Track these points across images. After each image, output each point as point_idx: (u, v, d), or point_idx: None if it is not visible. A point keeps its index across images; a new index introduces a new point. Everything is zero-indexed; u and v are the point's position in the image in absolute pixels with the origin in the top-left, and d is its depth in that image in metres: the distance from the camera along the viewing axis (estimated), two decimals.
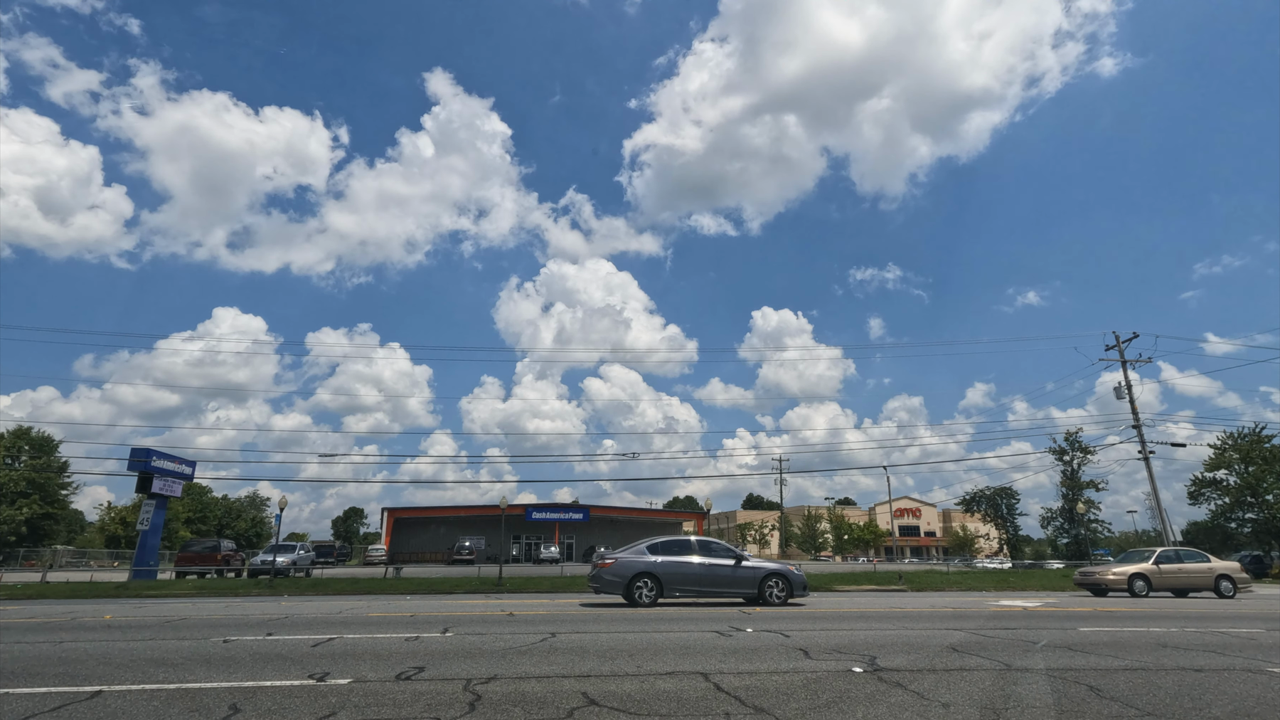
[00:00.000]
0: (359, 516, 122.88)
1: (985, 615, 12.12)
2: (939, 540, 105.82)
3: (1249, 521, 45.70)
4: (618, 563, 14.32)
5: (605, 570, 14.29)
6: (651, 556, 14.44)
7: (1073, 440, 61.93)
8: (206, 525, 79.57)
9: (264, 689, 5.20)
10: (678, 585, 14.27)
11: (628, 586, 14.00)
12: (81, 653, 7.22)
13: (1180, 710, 4.66)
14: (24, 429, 59.25)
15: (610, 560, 14.49)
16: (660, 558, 14.42)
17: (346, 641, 8.06)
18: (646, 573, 14.11)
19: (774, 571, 14.67)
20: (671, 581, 14.22)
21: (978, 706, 4.70)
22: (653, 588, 14.03)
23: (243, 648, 7.53)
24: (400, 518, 62.49)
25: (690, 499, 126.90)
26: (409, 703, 4.77)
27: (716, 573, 14.48)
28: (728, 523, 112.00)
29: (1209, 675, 5.98)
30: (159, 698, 4.93)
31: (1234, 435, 46.79)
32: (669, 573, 14.25)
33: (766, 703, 4.79)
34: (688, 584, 14.34)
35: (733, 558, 14.75)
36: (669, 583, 14.20)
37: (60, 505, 60.02)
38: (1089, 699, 4.96)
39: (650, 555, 14.48)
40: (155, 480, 30.10)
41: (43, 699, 4.90)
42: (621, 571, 14.15)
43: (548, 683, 5.49)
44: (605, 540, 60.77)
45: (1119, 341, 36.13)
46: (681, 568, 14.35)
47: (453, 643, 7.95)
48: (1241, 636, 8.93)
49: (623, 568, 14.20)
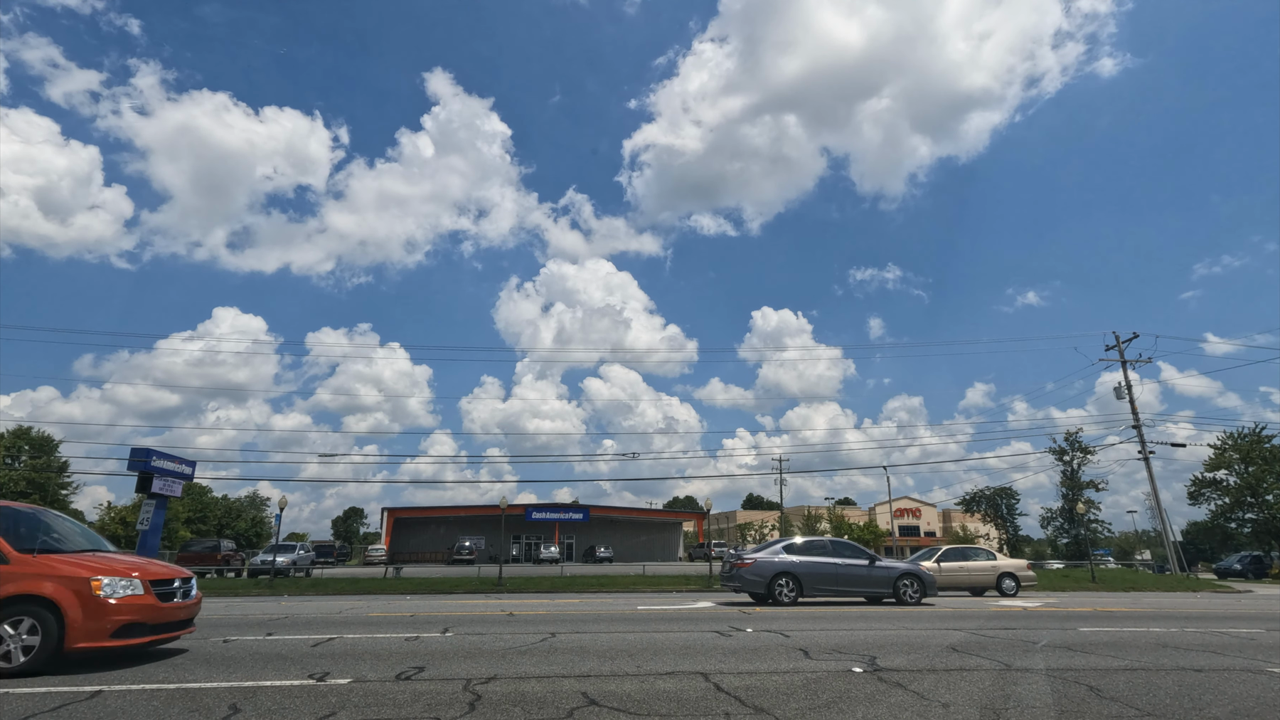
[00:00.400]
0: (359, 516, 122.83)
1: (985, 615, 12.13)
2: (939, 541, 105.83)
3: (1249, 522, 45.66)
4: (757, 563, 14.62)
5: (746, 570, 14.61)
6: (789, 556, 14.82)
7: (1073, 440, 61.86)
8: (206, 525, 79.53)
9: (264, 689, 5.20)
10: (816, 585, 14.65)
11: (769, 585, 14.34)
12: (81, 652, 7.21)
13: (1180, 710, 4.67)
14: (24, 429, 59.25)
15: (749, 560, 14.78)
16: (798, 558, 14.82)
17: (346, 641, 8.06)
18: (786, 572, 14.47)
19: (907, 571, 15.04)
20: (810, 581, 14.60)
21: (978, 707, 4.70)
22: (793, 587, 14.40)
23: (242, 647, 7.53)
24: (400, 518, 62.48)
25: (690, 499, 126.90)
26: (409, 703, 4.78)
27: (853, 573, 14.87)
28: (728, 523, 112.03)
29: (1209, 675, 5.98)
30: (159, 697, 4.94)
31: (1234, 435, 46.75)
32: (808, 572, 14.62)
33: (766, 703, 4.79)
34: (825, 583, 14.72)
35: (866, 558, 15.18)
36: (808, 582, 14.57)
37: (60, 505, 59.88)
38: (1089, 699, 4.97)
39: (788, 555, 14.86)
40: (155, 480, 30.06)
41: (43, 699, 4.91)
42: (762, 571, 14.48)
43: (548, 683, 5.49)
44: (605, 540, 60.77)
45: (1119, 342, 36.15)
46: (819, 568, 14.74)
47: (453, 643, 7.95)
48: (1241, 637, 8.94)
49: (763, 568, 14.52)
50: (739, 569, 14.75)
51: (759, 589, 14.46)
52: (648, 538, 69.70)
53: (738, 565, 14.90)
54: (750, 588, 14.59)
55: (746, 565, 14.66)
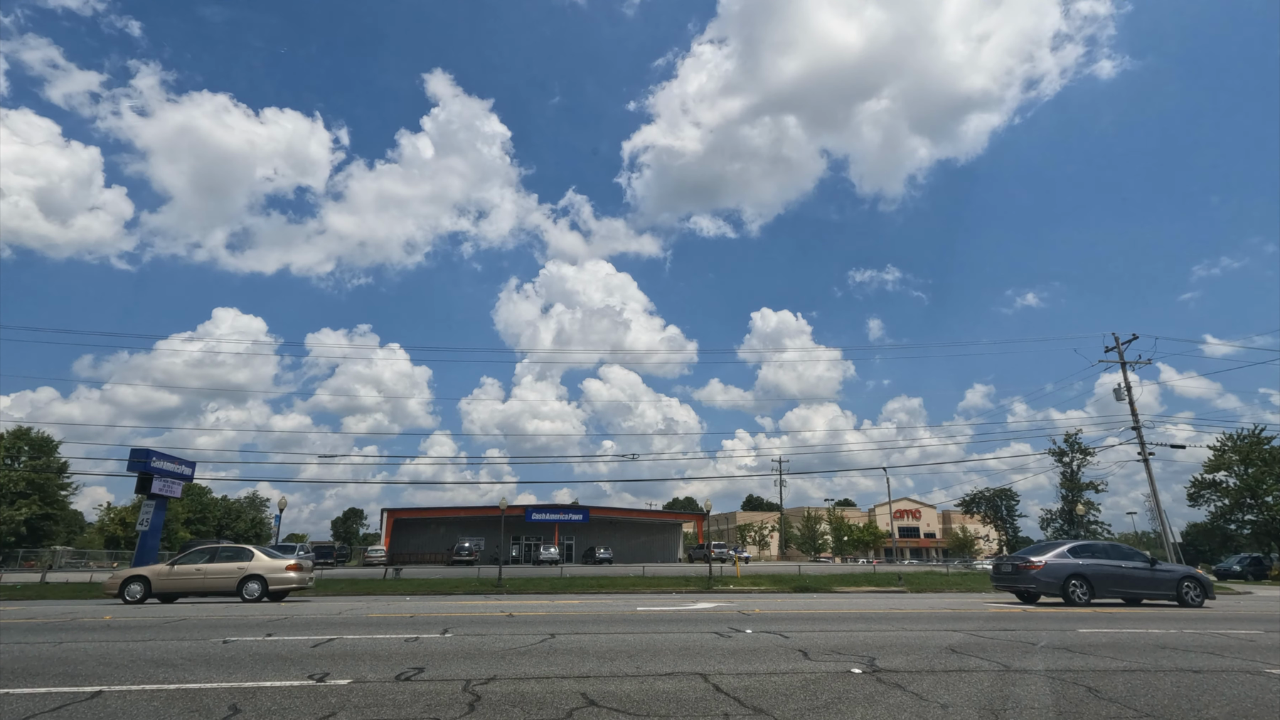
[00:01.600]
0: (359, 517, 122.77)
1: (984, 616, 12.12)
2: (939, 542, 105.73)
3: (1248, 523, 45.66)
4: (1049, 565, 15.18)
5: (1038, 572, 15.15)
6: (1075, 559, 15.33)
7: (1072, 442, 61.93)
8: (206, 526, 79.49)
9: (264, 689, 5.21)
10: (1106, 586, 15.16)
11: (1062, 586, 14.89)
12: (81, 653, 7.23)
13: (1178, 712, 4.67)
14: (24, 429, 59.18)
15: (1040, 562, 15.27)
16: (1085, 560, 15.33)
17: (346, 642, 8.07)
18: (1079, 574, 15.00)
19: (1188, 575, 15.44)
20: (1100, 583, 15.10)
21: (976, 708, 4.71)
22: (1085, 589, 14.87)
23: (242, 648, 7.54)
24: (400, 518, 62.46)
25: (690, 500, 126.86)
26: (409, 703, 4.78)
27: (1137, 575, 15.32)
28: (727, 524, 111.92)
29: (1207, 677, 5.99)
30: (159, 698, 4.94)
31: (1233, 437, 46.75)
32: (1097, 574, 15.13)
33: (765, 703, 4.79)
34: (1114, 585, 15.23)
35: (1144, 560, 15.58)
36: (1098, 584, 15.07)
37: (60, 506, 59.95)
38: (1087, 700, 4.97)
39: (1074, 558, 15.35)
40: (155, 481, 30.08)
41: (43, 699, 4.91)
42: (1056, 573, 15.04)
43: (547, 683, 5.50)
44: (605, 541, 60.73)
45: (1119, 343, 36.15)
46: (1107, 570, 15.27)
47: (452, 643, 7.95)
48: (1240, 638, 8.94)
49: (1056, 570, 15.09)
50: (1027, 570, 15.28)
51: (1052, 590, 14.98)
52: (647, 539, 69.67)
53: (1025, 567, 15.42)
54: (1044, 589, 15.12)
55: (1038, 567, 15.18)
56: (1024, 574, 15.34)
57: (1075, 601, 14.67)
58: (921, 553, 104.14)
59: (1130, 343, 35.90)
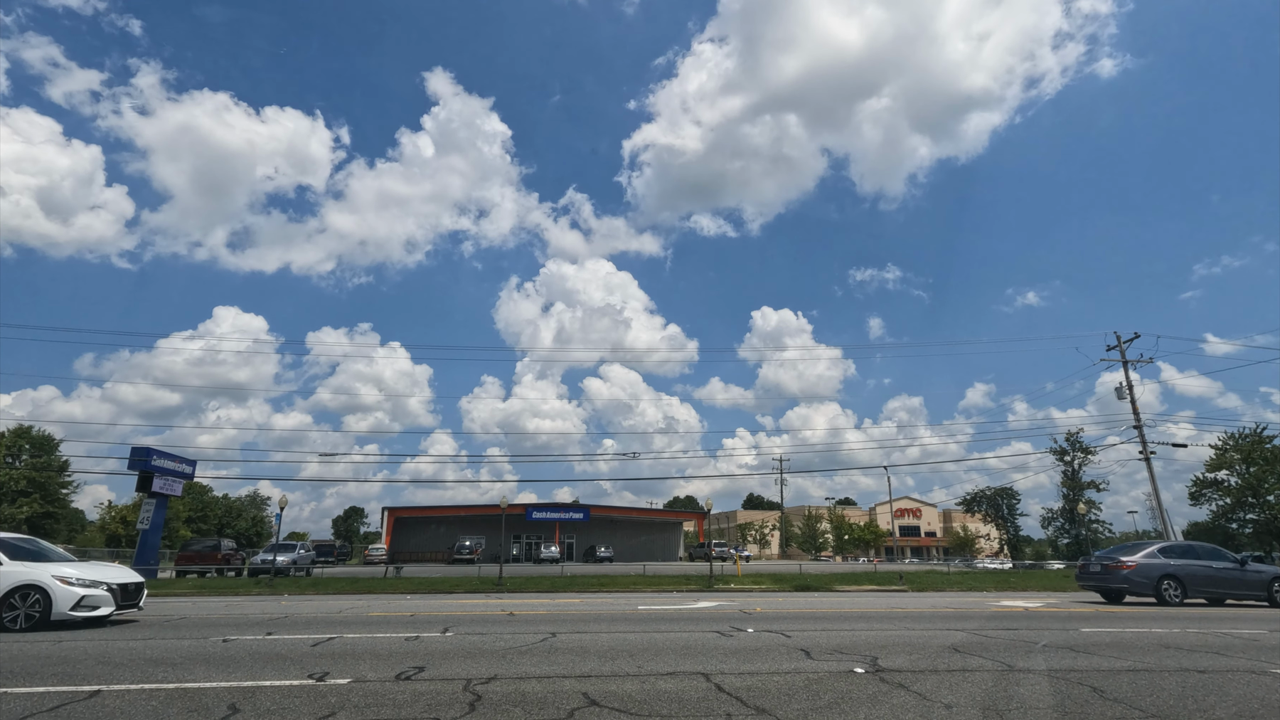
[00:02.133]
0: (359, 516, 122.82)
1: (986, 615, 12.09)
2: (939, 540, 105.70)
3: (1250, 522, 45.62)
4: (1141, 565, 15.40)
5: (1130, 572, 15.39)
6: (1167, 559, 15.55)
7: (1073, 440, 61.87)
8: (207, 524, 79.53)
9: (263, 689, 5.18)
10: (1197, 586, 15.38)
11: (1155, 586, 15.12)
12: (80, 652, 7.21)
13: (1184, 712, 4.64)
14: (25, 428, 59.24)
15: (1132, 563, 15.50)
16: (1177, 561, 15.54)
17: (346, 641, 8.04)
18: (1171, 574, 15.23)
19: (1278, 575, 15.55)
20: (1192, 583, 15.33)
21: (981, 708, 4.68)
22: (1178, 588, 15.12)
23: (242, 647, 7.51)
24: (400, 517, 62.47)
25: (690, 499, 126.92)
26: (409, 703, 4.75)
27: (1228, 575, 15.52)
28: (728, 522, 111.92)
29: (1212, 677, 5.95)
30: (157, 697, 4.91)
31: (1235, 436, 46.70)
32: (1189, 574, 15.35)
33: (768, 704, 4.76)
34: (1205, 585, 15.46)
35: (1233, 561, 15.78)
36: (1190, 584, 15.29)
37: (61, 504, 59.98)
38: (1092, 700, 4.94)
39: (1165, 558, 15.57)
40: (155, 479, 30.10)
41: (40, 698, 4.88)
42: (1149, 573, 15.27)
43: (548, 683, 5.47)
44: (606, 540, 60.72)
45: (1120, 342, 36.09)
46: (1198, 570, 15.50)
47: (453, 642, 7.93)
48: (1244, 638, 8.90)
49: (1149, 569, 15.32)
50: (1118, 570, 15.46)
51: (1144, 590, 15.14)
52: (648, 537, 69.66)
53: (1116, 567, 15.60)
54: (1136, 589, 15.28)
55: (1130, 567, 15.34)
56: (1114, 574, 15.55)
57: (1168, 601, 14.89)
58: (922, 552, 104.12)
59: (1132, 341, 35.85)
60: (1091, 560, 17.05)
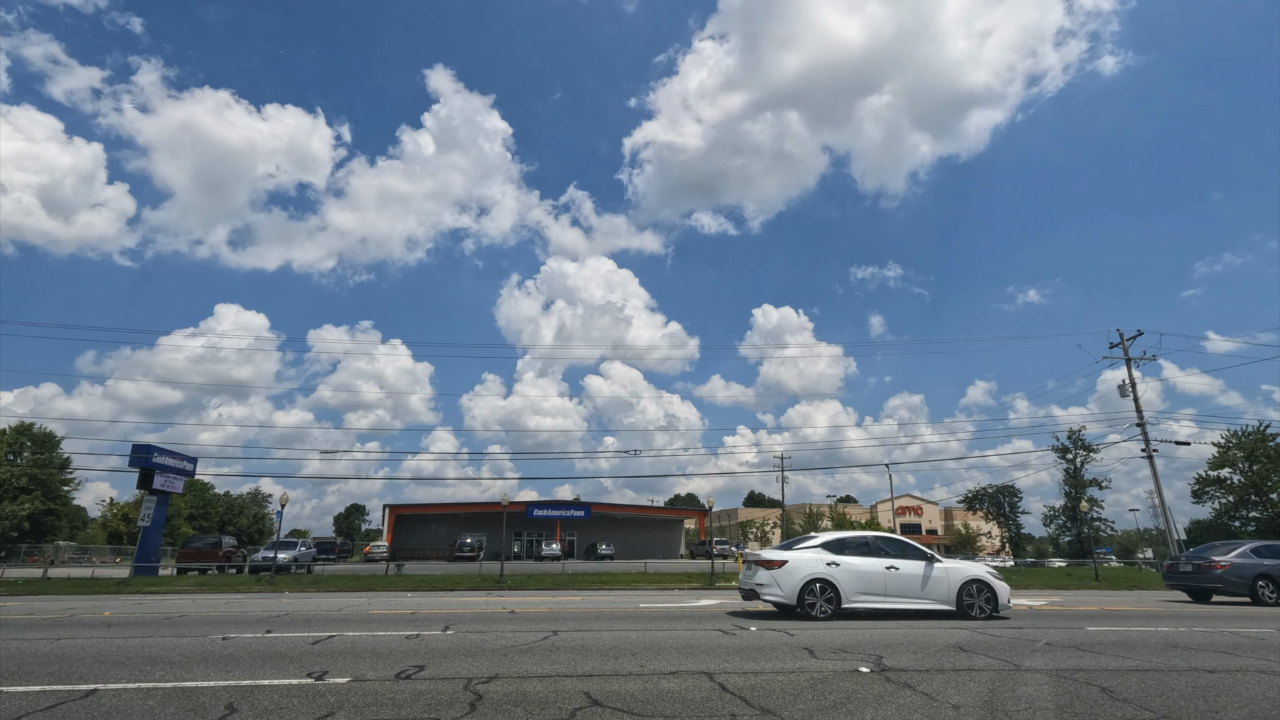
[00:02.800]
0: (360, 513, 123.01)
1: None
2: (941, 538, 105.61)
3: (1253, 520, 45.52)
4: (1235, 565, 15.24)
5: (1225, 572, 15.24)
6: (1261, 560, 15.28)
7: (1075, 438, 61.76)
8: (208, 522, 79.64)
9: (262, 688, 5.12)
10: None
11: (1251, 586, 15.01)
12: (79, 650, 7.16)
13: (1195, 713, 4.56)
14: (26, 425, 59.29)
15: (1225, 563, 15.36)
16: (1270, 561, 15.23)
17: (346, 639, 7.99)
18: (1266, 574, 15.03)
19: None
20: None
21: (988, 708, 4.61)
22: (1274, 589, 14.90)
23: (241, 645, 7.46)
24: (402, 514, 62.46)
25: (692, 496, 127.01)
26: (409, 702, 4.69)
27: None
28: (729, 520, 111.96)
29: (1222, 676, 5.88)
30: (154, 696, 4.86)
31: (1238, 434, 46.62)
32: None
33: (773, 703, 4.69)
34: None
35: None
36: None
37: (62, 501, 60.07)
38: (1102, 700, 4.87)
39: (1258, 558, 15.31)
40: (157, 476, 30.10)
41: (36, 698, 4.83)
42: (1243, 573, 15.12)
43: (550, 682, 5.41)
44: (607, 538, 60.70)
45: (1123, 339, 35.98)
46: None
47: (454, 641, 7.87)
48: (1252, 636, 8.83)
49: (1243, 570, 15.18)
50: (1211, 570, 15.45)
51: (1239, 590, 15.16)
52: (649, 535, 69.62)
53: (1208, 567, 15.58)
54: (1231, 589, 15.27)
55: (1224, 567, 15.40)
56: (1207, 573, 15.59)
57: (1264, 601, 14.87)
58: None
59: (1135, 339, 35.75)
60: (1180, 560, 17.14)
